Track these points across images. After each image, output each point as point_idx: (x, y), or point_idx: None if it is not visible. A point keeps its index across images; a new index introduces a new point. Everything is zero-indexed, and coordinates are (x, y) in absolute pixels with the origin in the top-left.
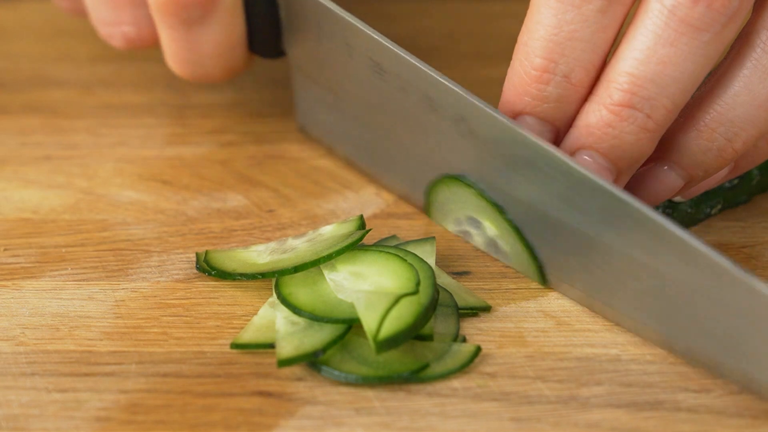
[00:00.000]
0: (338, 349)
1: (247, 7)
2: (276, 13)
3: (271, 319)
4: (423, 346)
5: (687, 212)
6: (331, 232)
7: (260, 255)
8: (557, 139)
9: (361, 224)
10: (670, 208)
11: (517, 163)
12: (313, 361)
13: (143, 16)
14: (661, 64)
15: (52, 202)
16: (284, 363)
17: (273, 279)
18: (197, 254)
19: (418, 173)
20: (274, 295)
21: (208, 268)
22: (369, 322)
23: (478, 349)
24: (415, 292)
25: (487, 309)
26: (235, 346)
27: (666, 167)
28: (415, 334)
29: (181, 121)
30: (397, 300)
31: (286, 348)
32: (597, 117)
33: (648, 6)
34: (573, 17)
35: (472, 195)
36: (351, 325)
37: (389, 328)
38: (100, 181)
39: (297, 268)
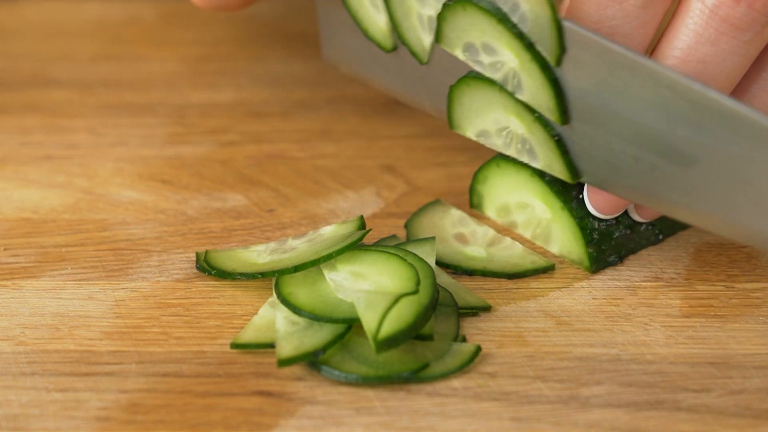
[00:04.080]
0: (338, 349)
1: None
2: None
3: (271, 319)
4: (423, 345)
5: None
6: (331, 232)
7: (260, 255)
8: None
9: (361, 224)
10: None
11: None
12: (313, 360)
13: None
14: (701, 63)
15: (52, 201)
16: (284, 363)
17: (273, 279)
18: (197, 254)
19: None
20: (274, 294)
21: (208, 268)
22: (369, 322)
23: (478, 349)
24: (415, 292)
25: (487, 309)
26: (235, 345)
27: None
28: (415, 333)
29: (181, 121)
30: (397, 300)
31: (286, 348)
32: None
33: (689, 5)
34: (614, 13)
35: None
36: (351, 325)
37: (389, 327)
38: (100, 180)
39: (297, 268)
